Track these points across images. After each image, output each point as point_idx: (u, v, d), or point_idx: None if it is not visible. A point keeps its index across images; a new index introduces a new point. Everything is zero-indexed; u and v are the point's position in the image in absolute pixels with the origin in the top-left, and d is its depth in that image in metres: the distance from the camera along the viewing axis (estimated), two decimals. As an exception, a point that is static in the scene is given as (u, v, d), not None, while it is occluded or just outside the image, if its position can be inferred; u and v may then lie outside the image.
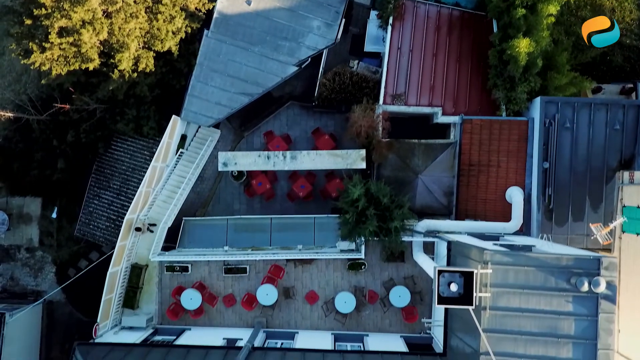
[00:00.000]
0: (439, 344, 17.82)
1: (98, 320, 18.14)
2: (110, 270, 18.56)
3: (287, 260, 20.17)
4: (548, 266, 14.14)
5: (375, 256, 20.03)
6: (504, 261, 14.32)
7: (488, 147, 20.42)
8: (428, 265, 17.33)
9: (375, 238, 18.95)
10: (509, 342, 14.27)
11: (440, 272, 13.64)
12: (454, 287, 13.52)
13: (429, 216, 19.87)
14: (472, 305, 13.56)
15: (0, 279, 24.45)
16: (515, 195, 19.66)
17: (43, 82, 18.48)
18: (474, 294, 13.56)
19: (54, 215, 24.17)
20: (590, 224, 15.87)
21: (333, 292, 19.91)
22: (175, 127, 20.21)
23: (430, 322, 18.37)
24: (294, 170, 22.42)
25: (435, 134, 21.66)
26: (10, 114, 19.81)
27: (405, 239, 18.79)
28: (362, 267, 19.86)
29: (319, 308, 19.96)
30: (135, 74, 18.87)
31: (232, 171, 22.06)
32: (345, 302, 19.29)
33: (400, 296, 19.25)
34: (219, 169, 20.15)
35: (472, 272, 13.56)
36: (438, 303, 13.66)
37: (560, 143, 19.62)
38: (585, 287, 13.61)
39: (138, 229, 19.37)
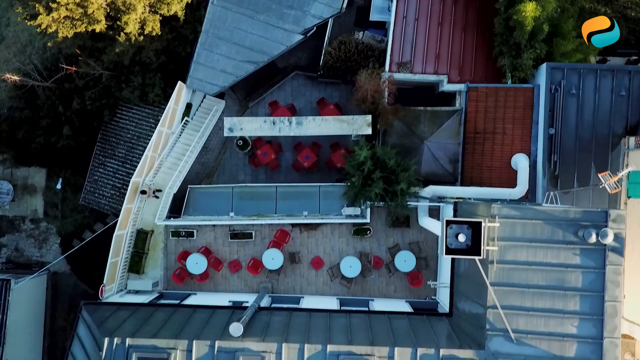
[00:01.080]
0: (444, 309, 17.84)
1: (104, 282, 18.14)
2: (116, 233, 18.57)
3: (293, 226, 20.19)
4: (555, 219, 14.17)
5: (381, 222, 20.05)
6: (511, 215, 14.35)
7: (494, 115, 20.43)
8: (434, 225, 17.33)
9: (381, 202, 19.00)
10: (516, 295, 14.32)
11: (448, 223, 13.66)
12: (461, 238, 13.54)
13: (434, 184, 19.87)
14: (480, 255, 13.57)
15: (5, 250, 24.47)
16: (520, 161, 19.66)
17: (49, 44, 18.45)
18: (482, 245, 13.57)
19: (59, 186, 24.18)
20: (599, 174, 15.84)
21: (338, 258, 19.93)
22: (181, 93, 20.22)
23: (436, 284, 18.37)
24: (298, 141, 22.47)
25: (440, 104, 21.66)
26: (16, 77, 19.80)
27: (411, 203, 18.83)
28: (368, 232, 19.88)
29: (324, 273, 19.98)
30: (142, 37, 18.86)
31: (237, 141, 22.06)
32: (351, 267, 19.30)
33: (405, 261, 19.28)
34: (225, 134, 20.15)
35: (480, 223, 13.58)
36: (446, 254, 13.68)
37: (565, 109, 19.61)
38: (593, 239, 13.64)
39: (143, 192, 19.37)
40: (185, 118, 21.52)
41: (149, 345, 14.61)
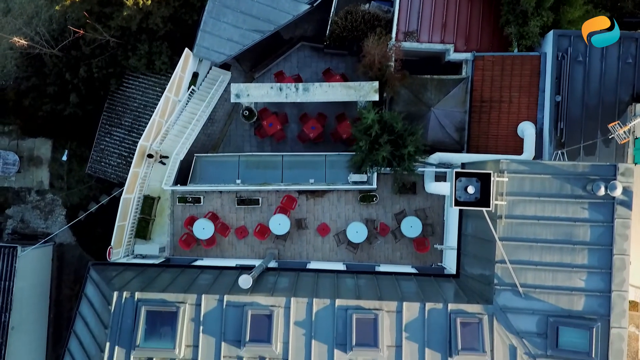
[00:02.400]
0: (451, 273, 17.87)
1: (112, 244, 18.18)
2: (123, 196, 18.61)
3: (299, 193, 20.23)
4: (564, 173, 14.20)
5: (387, 189, 20.08)
6: (520, 170, 14.39)
7: (500, 83, 20.46)
8: (442, 187, 17.36)
9: (388, 168, 19.03)
10: (524, 250, 14.36)
11: (457, 175, 13.69)
12: (471, 190, 13.59)
13: (441, 152, 19.88)
14: (489, 207, 13.61)
15: (11, 221, 24.52)
16: (527, 128, 19.70)
17: (57, 8, 18.45)
18: (491, 197, 13.61)
19: (65, 158, 24.23)
20: (608, 125, 15.87)
21: (344, 225, 19.97)
22: (188, 60, 20.24)
23: (443, 247, 18.41)
24: (304, 112, 22.49)
25: (446, 75, 21.66)
26: (24, 41, 19.80)
27: (418, 169, 18.86)
28: (374, 199, 19.91)
29: (331, 240, 20.03)
30: (149, 2, 18.85)
31: (243, 111, 22.08)
32: (357, 232, 19.34)
33: (411, 227, 19.31)
34: (232, 100, 20.17)
35: (489, 174, 13.61)
36: (455, 205, 13.71)
37: (572, 77, 19.61)
38: (602, 192, 13.67)
39: (150, 156, 19.39)
40: (192, 87, 21.53)
41: (158, 299, 14.65)
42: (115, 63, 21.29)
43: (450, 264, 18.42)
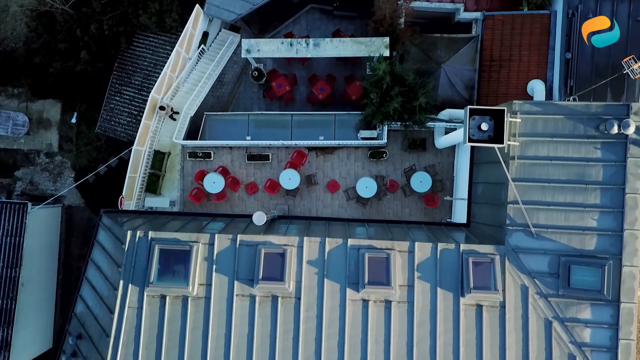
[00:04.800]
0: (460, 226, 17.94)
1: (123, 194, 18.25)
2: (134, 147, 18.68)
3: (309, 149, 20.28)
4: (577, 114, 14.25)
5: (397, 146, 20.14)
6: (532, 110, 14.44)
7: (510, 42, 20.49)
8: (453, 136, 17.38)
9: (398, 123, 19.08)
10: (536, 190, 14.41)
11: (471, 112, 13.73)
12: (484, 127, 13.63)
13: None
14: (502, 143, 13.65)
15: (20, 183, 24.59)
16: (536, 85, 19.73)
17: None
18: (504, 134, 13.65)
19: (74, 120, 24.29)
20: (622, 60, 15.90)
21: (354, 182, 20.03)
22: (199, 17, 20.28)
23: (453, 199, 18.46)
24: (313, 73, 22.52)
25: (456, 36, 21.71)
26: (35, -3, 19.91)
27: (429, 124, 18.92)
28: (384, 155, 19.97)
29: (340, 196, 20.09)
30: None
31: (252, 72, 22.14)
32: (367, 187, 19.39)
33: (421, 182, 19.36)
34: (242, 56, 20.21)
35: (503, 111, 13.66)
36: (468, 142, 13.76)
37: (582, 35, 19.63)
38: (615, 130, 13.72)
39: (162, 108, 19.45)
40: (202, 46, 21.58)
41: (171, 238, 14.71)
42: (126, 21, 21.34)
43: (460, 218, 18.49)
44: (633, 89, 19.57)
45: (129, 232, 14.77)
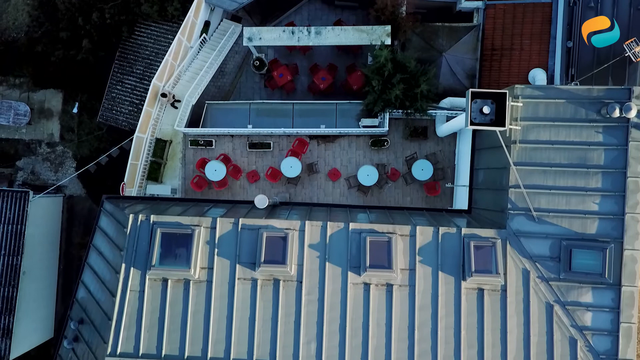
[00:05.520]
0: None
1: (125, 180, 18.28)
2: (136, 134, 18.70)
3: (311, 138, 20.30)
4: (579, 98, 14.27)
5: (398, 134, 20.16)
6: (534, 94, 14.46)
7: (511, 31, 20.51)
8: (454, 122, 17.39)
9: (400, 111, 19.10)
10: (538, 174, 14.43)
11: (473, 95, 13.74)
12: (486, 110, 13.64)
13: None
14: (504, 126, 13.67)
15: (22, 173, 24.63)
16: (538, 74, 19.74)
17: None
18: (506, 116, 13.67)
19: (75, 110, 24.33)
20: (624, 43, 15.92)
21: (355, 170, 20.05)
22: (201, 5, 20.30)
23: (454, 185, 18.48)
24: (314, 62, 22.54)
25: (457, 25, 21.72)
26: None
27: (431, 111, 18.94)
28: (385, 144, 19.99)
29: (341, 185, 20.11)
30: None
31: (253, 61, 22.16)
32: (368, 175, 19.41)
33: (422, 169, 19.38)
34: (244, 44, 20.24)
35: (505, 94, 13.67)
36: (470, 125, 13.78)
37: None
38: (617, 114, 13.73)
39: (164, 95, 19.47)
40: (204, 35, 21.61)
41: (173, 222, 14.73)
42: (128, 10, 21.36)
43: (461, 204, 18.52)
44: (635, 74, 19.57)
45: (131, 216, 14.80)
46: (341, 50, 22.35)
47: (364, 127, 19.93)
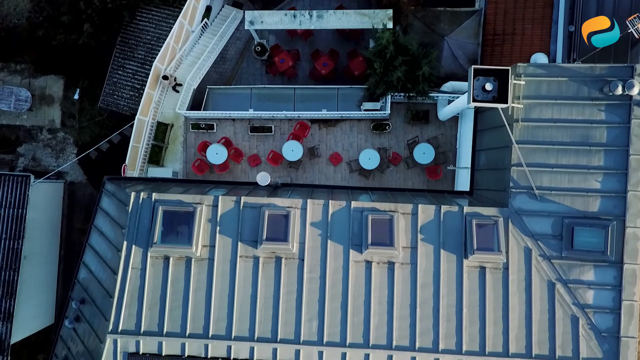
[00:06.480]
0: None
1: (126, 162, 18.27)
2: (137, 116, 18.69)
3: (312, 122, 20.29)
4: (581, 76, 14.26)
5: (400, 119, 20.15)
6: (537, 73, 14.45)
7: (513, 16, 20.50)
8: (457, 103, 17.35)
9: (401, 94, 19.08)
10: (540, 153, 14.41)
11: (475, 72, 13.73)
12: (488, 87, 13.64)
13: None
14: (506, 103, 13.66)
15: (22, 159, 24.60)
16: (539, 59, 19.44)
17: None
18: (509, 93, 13.66)
19: (76, 96, 24.30)
20: (627, 19, 15.91)
21: (357, 154, 20.04)
22: (202, -12, 20.31)
23: (456, 168, 18.47)
24: (316, 48, 22.52)
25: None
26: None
27: (433, 94, 18.93)
28: (387, 127, 19.97)
29: (343, 169, 20.10)
30: None
31: (255, 47, 22.16)
32: (370, 159, 19.41)
33: (424, 153, 19.37)
34: (246, 27, 20.23)
35: (507, 71, 13.66)
36: (472, 102, 13.76)
37: (585, 7, 19.60)
38: (619, 91, 13.72)
39: (165, 78, 19.46)
40: (205, 20, 21.60)
41: (175, 199, 14.71)
42: (129, -5, 21.36)
43: (463, 187, 18.50)
44: (636, 60, 19.54)
45: (132, 194, 14.78)
46: (342, 36, 22.34)
47: (366, 110, 19.91)
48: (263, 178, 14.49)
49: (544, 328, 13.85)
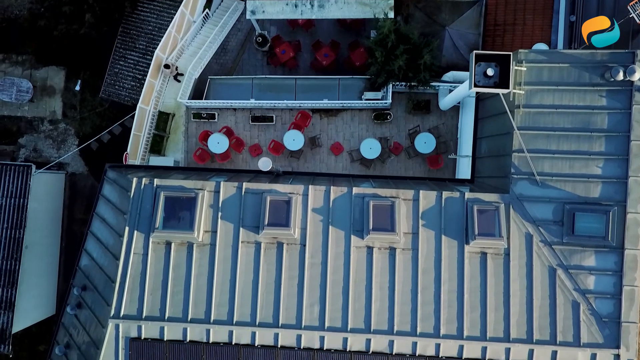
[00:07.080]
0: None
1: (128, 151, 18.29)
2: (139, 105, 18.72)
3: (313, 112, 20.31)
4: (583, 62, 14.28)
5: (401, 108, 20.17)
6: (538, 59, 14.47)
7: (514, 6, 20.53)
8: (459, 91, 17.36)
9: (403, 83, 19.10)
10: (541, 139, 14.44)
11: (477, 58, 13.76)
12: (490, 72, 13.66)
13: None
14: (507, 88, 13.68)
15: (24, 150, 24.62)
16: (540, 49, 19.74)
17: None
18: (510, 78, 13.68)
19: (78, 87, 24.32)
20: (628, 5, 15.93)
21: (358, 144, 20.06)
22: (204, -21, 20.33)
23: (457, 156, 18.50)
24: (317, 39, 22.54)
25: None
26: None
27: (434, 84, 18.96)
28: (388, 117, 20.00)
29: (344, 159, 20.12)
30: None
31: (256, 38, 22.18)
32: (371, 148, 19.43)
33: (425, 142, 19.40)
34: (247, 17, 20.23)
35: (509, 56, 13.69)
36: (474, 87, 13.79)
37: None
38: (620, 76, 13.75)
39: (167, 67, 19.48)
40: (207, 10, 21.62)
41: (177, 185, 14.74)
42: (130, -16, 21.39)
43: (464, 175, 18.53)
44: (638, 44, 19.56)
45: (134, 179, 14.81)
46: (343, 26, 22.36)
47: (367, 100, 19.93)
48: (265, 163, 14.52)
49: (545, 313, 13.88)
